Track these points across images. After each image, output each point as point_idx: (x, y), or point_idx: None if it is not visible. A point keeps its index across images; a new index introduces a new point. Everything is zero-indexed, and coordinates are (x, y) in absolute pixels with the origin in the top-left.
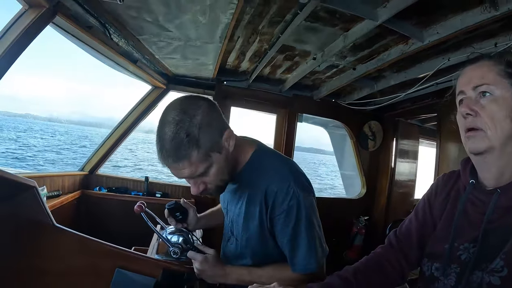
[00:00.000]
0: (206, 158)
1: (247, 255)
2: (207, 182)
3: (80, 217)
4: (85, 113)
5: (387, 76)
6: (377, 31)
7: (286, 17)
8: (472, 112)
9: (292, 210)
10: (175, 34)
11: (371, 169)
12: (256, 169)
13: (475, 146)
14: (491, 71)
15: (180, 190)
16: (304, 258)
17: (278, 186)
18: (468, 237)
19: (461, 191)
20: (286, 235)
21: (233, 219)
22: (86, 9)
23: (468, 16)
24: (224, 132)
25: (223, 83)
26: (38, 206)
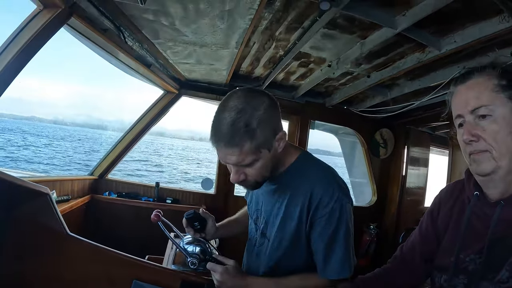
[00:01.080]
0: (256, 152)
1: (276, 257)
2: (248, 175)
3: (89, 222)
4: (90, 115)
5: (401, 84)
6: (394, 39)
7: (304, 23)
8: (474, 138)
9: (335, 213)
10: (190, 38)
11: (382, 177)
12: (300, 172)
13: (482, 169)
14: (486, 89)
15: (190, 196)
16: (339, 263)
17: (324, 189)
18: (474, 249)
19: (465, 203)
20: (324, 239)
21: (268, 219)
22: (101, 11)
23: (487, 26)
24: (278, 133)
25: (236, 88)
26: (51, 213)
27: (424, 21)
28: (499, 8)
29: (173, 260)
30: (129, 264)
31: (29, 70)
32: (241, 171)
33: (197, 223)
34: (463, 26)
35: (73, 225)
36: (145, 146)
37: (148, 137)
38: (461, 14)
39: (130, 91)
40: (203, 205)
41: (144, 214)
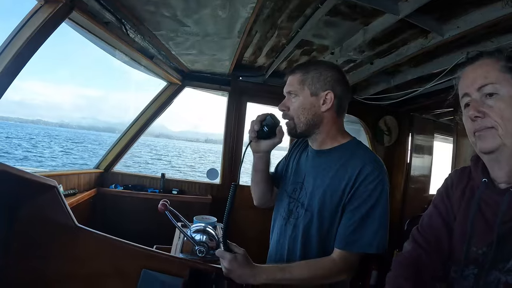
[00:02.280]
0: (300, 85)
1: (316, 227)
2: (290, 107)
3: (96, 215)
4: (95, 118)
5: (404, 70)
6: (397, 25)
7: (306, 11)
8: (480, 114)
9: (376, 192)
10: (193, 29)
11: (387, 165)
12: (351, 151)
13: (487, 145)
14: (493, 69)
15: (196, 187)
16: (369, 237)
17: (372, 168)
18: (484, 238)
19: (474, 190)
20: (360, 212)
21: (312, 191)
22: (102, 4)
23: (489, 11)
24: (327, 92)
25: (238, 78)
26: (59, 206)
27: (427, 7)
28: None
29: (181, 249)
30: (138, 254)
31: (33, 74)
32: (288, 102)
33: (266, 128)
34: (466, 12)
35: (80, 219)
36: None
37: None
38: None
39: (135, 90)
40: (209, 195)
41: (151, 206)
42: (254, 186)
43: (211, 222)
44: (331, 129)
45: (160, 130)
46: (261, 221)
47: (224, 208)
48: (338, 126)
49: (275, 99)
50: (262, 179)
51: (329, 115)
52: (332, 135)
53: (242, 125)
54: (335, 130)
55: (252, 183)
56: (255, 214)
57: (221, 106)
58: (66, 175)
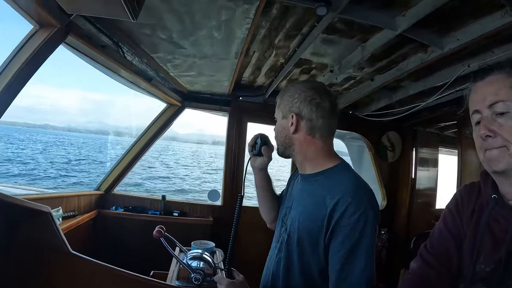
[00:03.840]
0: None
1: (295, 254)
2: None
3: (97, 237)
4: (102, 122)
5: (405, 85)
6: (395, 40)
7: (302, 30)
8: (491, 133)
9: (359, 225)
10: (189, 51)
11: (391, 181)
12: (335, 178)
13: (497, 166)
14: (504, 85)
15: (198, 208)
16: (356, 277)
17: (353, 198)
18: (493, 255)
19: (484, 206)
20: (344, 248)
21: (294, 216)
22: (98, 28)
23: (489, 21)
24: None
25: (238, 98)
26: (53, 231)
27: (425, 21)
28: (501, 2)
29: (177, 276)
30: (133, 282)
31: (40, 79)
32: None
33: (257, 147)
34: (465, 23)
35: (80, 241)
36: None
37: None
38: (461, 11)
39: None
40: (210, 216)
41: (151, 228)
42: (259, 203)
43: (208, 247)
44: (307, 150)
45: (167, 133)
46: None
47: (227, 230)
48: (317, 148)
49: None
50: (263, 195)
51: (300, 137)
52: (310, 158)
53: (243, 146)
54: (313, 152)
55: (258, 201)
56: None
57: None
58: (67, 197)
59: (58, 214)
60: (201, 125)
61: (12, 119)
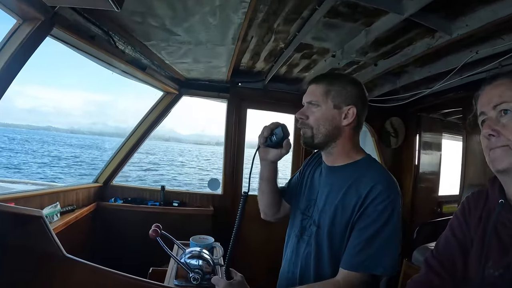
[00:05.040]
0: (323, 96)
1: (327, 244)
2: (310, 117)
3: (96, 231)
4: (105, 123)
5: (410, 71)
6: (401, 25)
7: (303, 13)
8: (494, 133)
9: (387, 211)
10: (184, 38)
11: (394, 167)
12: (363, 169)
13: (500, 164)
14: (509, 88)
15: (197, 198)
16: (375, 258)
17: (384, 187)
18: (501, 260)
19: (491, 211)
20: (368, 231)
21: (322, 207)
22: (86, 17)
23: (501, 7)
24: (350, 106)
25: (237, 85)
26: (46, 236)
27: (433, 5)
28: None
29: (176, 274)
30: (129, 285)
31: (43, 81)
32: (307, 112)
33: (275, 138)
34: (475, 9)
35: (79, 235)
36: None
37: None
38: None
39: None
40: (211, 206)
41: (151, 219)
42: (260, 196)
43: (208, 243)
44: (347, 144)
45: (170, 134)
46: (267, 232)
47: (227, 220)
48: (354, 142)
49: (276, 104)
50: (268, 189)
51: (347, 130)
52: (346, 151)
53: (243, 133)
54: (350, 146)
55: (259, 193)
56: (260, 225)
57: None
58: (64, 192)
59: (56, 209)
60: (203, 124)
61: (15, 121)
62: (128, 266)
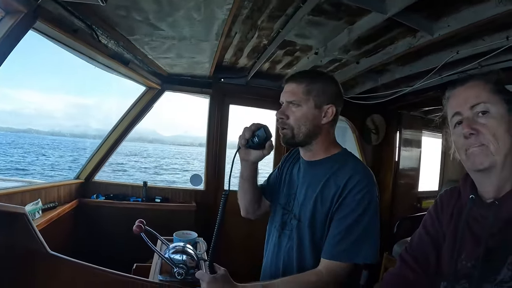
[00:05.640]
0: (305, 95)
1: (308, 236)
2: (290, 117)
3: (79, 228)
4: (88, 125)
5: (391, 69)
6: (384, 24)
7: (287, 11)
8: (474, 131)
9: (364, 201)
10: (168, 33)
11: (375, 164)
12: (340, 162)
13: (479, 163)
14: (484, 89)
15: (180, 194)
16: (355, 246)
17: (361, 177)
18: (473, 252)
19: (463, 207)
20: (347, 221)
21: (302, 201)
22: (70, 11)
23: (483, 9)
24: (330, 104)
25: (220, 80)
26: (30, 233)
27: (416, 5)
28: None
29: (160, 270)
30: (114, 281)
31: (23, 83)
32: (288, 109)
33: (257, 139)
34: (458, 10)
35: (61, 233)
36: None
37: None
38: None
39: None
40: (193, 202)
41: (134, 215)
42: (241, 194)
43: (191, 238)
44: (326, 140)
45: (153, 136)
46: (249, 228)
47: (210, 216)
48: (332, 138)
49: (259, 100)
50: (249, 187)
51: (327, 127)
52: (326, 146)
53: (225, 129)
54: (329, 141)
55: (240, 191)
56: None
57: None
58: (45, 188)
59: (37, 206)
60: (186, 126)
61: None
62: (112, 262)
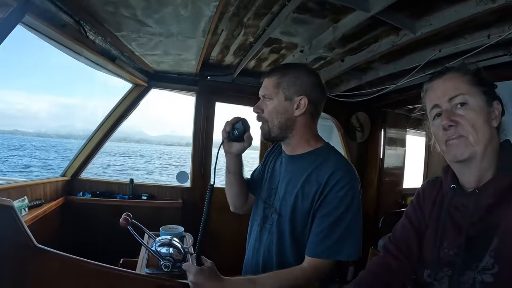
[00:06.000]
0: (275, 88)
1: (289, 231)
2: (265, 110)
3: (65, 225)
4: (73, 126)
5: (375, 67)
6: (367, 22)
7: (273, 8)
8: (453, 123)
9: (346, 199)
10: (155, 29)
11: (360, 161)
12: (322, 157)
13: (459, 154)
14: (463, 81)
15: (167, 191)
16: (339, 244)
17: (343, 173)
18: (456, 241)
19: (444, 197)
20: (330, 218)
21: (283, 196)
22: (58, 6)
23: (464, 8)
24: (302, 97)
25: (206, 78)
26: (17, 226)
27: (399, 3)
28: None
29: (147, 263)
30: (102, 274)
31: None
32: (263, 103)
33: (236, 132)
34: (439, 8)
35: (48, 230)
36: None
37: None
38: None
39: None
40: (180, 199)
41: (120, 213)
42: (228, 188)
43: (178, 232)
44: (305, 133)
45: (139, 136)
46: (236, 224)
47: (196, 213)
48: (312, 131)
49: (245, 98)
50: (235, 181)
51: (302, 120)
52: (305, 140)
53: (211, 126)
54: (309, 134)
55: (227, 185)
56: (229, 217)
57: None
58: (32, 185)
59: (23, 204)
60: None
61: None
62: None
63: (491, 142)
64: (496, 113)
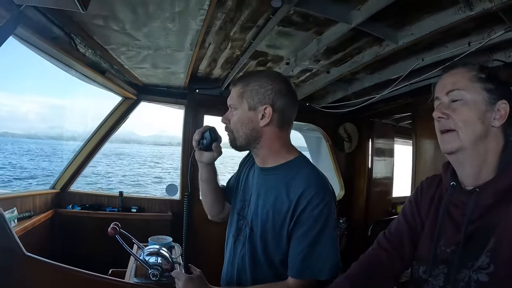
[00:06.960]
0: (239, 98)
1: (260, 247)
2: (231, 121)
3: (54, 238)
4: (63, 127)
5: (360, 78)
6: (350, 33)
7: (258, 22)
8: (444, 115)
9: (322, 217)
10: (143, 42)
11: (348, 171)
12: (295, 171)
13: (447, 146)
14: (463, 77)
15: (156, 204)
16: (320, 263)
17: (316, 191)
18: (453, 238)
19: (443, 194)
20: (308, 238)
21: (254, 210)
22: (50, 19)
23: (443, 16)
24: (266, 106)
25: (195, 91)
26: (6, 234)
27: (379, 15)
28: None
29: (135, 273)
30: (91, 283)
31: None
32: (230, 113)
33: (205, 141)
34: (419, 18)
35: (37, 243)
36: None
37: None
38: (416, 6)
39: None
40: (169, 211)
41: (109, 226)
42: (203, 197)
43: (166, 242)
44: (273, 144)
45: (130, 136)
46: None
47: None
48: (282, 141)
49: None
50: (208, 189)
51: (269, 130)
52: (275, 151)
53: None
54: (278, 145)
55: (201, 194)
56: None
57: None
58: (21, 197)
59: (13, 215)
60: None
61: None
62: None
63: (483, 140)
64: (502, 112)
